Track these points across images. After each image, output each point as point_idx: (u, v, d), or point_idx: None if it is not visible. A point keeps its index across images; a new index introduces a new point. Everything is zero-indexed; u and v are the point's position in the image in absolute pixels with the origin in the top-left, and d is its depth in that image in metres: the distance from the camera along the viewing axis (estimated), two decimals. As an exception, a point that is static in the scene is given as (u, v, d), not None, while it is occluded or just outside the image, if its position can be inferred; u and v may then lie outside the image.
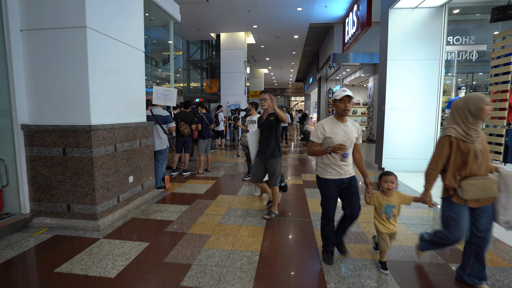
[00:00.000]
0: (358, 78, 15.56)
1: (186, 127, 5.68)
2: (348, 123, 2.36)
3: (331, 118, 2.37)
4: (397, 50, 5.98)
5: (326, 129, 2.31)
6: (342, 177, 2.37)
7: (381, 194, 2.33)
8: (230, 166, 6.92)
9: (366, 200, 2.41)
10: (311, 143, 2.40)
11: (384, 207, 2.29)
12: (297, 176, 5.87)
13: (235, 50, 13.19)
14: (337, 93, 2.27)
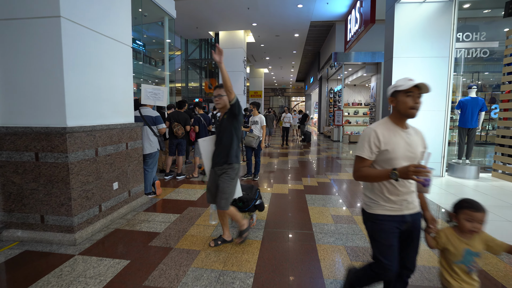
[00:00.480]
0: (360, 78, 15.23)
1: (180, 128, 5.37)
2: (411, 130, 1.59)
3: (386, 122, 1.59)
4: (404, 47, 5.65)
5: (381, 138, 1.51)
6: (404, 212, 1.55)
7: (456, 233, 1.50)
8: (227, 169, 6.59)
9: (428, 242, 1.58)
10: (360, 162, 1.55)
11: (463, 255, 1.46)
12: (297, 180, 5.54)
13: (234, 49, 12.86)
14: (400, 83, 1.53)
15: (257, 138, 5.48)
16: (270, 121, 11.03)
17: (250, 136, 5.52)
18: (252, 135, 5.52)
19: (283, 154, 9.09)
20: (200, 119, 5.67)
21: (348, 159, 8.08)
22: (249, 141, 5.45)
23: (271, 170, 6.50)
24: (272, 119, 11.36)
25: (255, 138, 5.46)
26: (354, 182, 5.34)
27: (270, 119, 11.12)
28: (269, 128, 11.11)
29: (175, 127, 5.30)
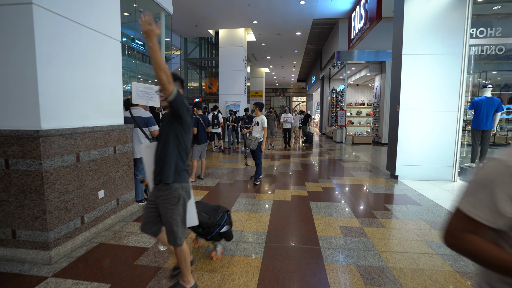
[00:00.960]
0: (363, 78, 14.89)
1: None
2: None
3: None
4: (413, 44, 5.31)
5: None
6: None
7: None
8: (226, 172, 6.27)
9: None
10: (467, 224, 0.76)
11: None
12: (301, 185, 5.21)
13: (234, 47, 12.55)
14: None
15: (255, 140, 5.27)
16: (271, 122, 10.62)
17: (249, 139, 5.38)
18: (251, 137, 5.35)
19: (284, 156, 8.75)
20: (199, 120, 5.35)
21: (352, 161, 7.74)
22: (248, 144, 5.37)
23: (272, 174, 6.17)
24: (273, 119, 10.90)
25: (253, 140, 5.26)
26: (362, 188, 5.01)
27: (271, 119, 10.67)
28: (271, 128, 10.64)
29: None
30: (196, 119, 5.32)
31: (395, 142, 5.63)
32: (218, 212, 2.58)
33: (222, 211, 2.60)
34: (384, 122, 12.11)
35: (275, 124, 11.07)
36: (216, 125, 9.30)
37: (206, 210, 2.56)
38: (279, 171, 6.44)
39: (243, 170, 6.55)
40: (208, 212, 2.55)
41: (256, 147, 5.31)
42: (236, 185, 5.18)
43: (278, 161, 7.77)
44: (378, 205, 4.05)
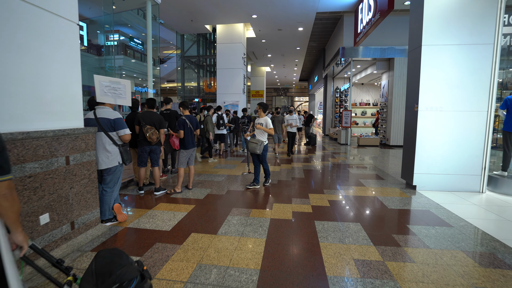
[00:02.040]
0: (369, 76, 14.12)
1: (154, 132, 4.33)
2: None
3: None
4: (436, 33, 4.56)
5: None
6: None
7: None
8: (220, 180, 5.54)
9: None
10: None
11: None
12: (303, 197, 4.47)
13: (232, 44, 11.83)
14: None
15: (260, 143, 4.88)
16: (278, 125, 8.87)
17: (253, 142, 4.92)
18: (255, 140, 4.93)
19: (285, 160, 8.01)
20: (185, 121, 4.63)
21: (360, 167, 6.99)
22: (253, 148, 4.90)
23: (271, 183, 5.43)
24: (281, 121, 9.00)
25: (258, 143, 4.88)
26: (376, 202, 4.26)
27: (278, 122, 8.92)
28: (277, 133, 8.83)
29: (148, 131, 4.27)
30: (181, 121, 4.60)
31: (412, 147, 4.88)
32: (120, 276, 1.47)
33: (128, 277, 1.48)
34: (392, 123, 11.33)
35: (283, 128, 9.12)
36: (222, 125, 8.61)
37: (100, 272, 1.49)
38: (279, 179, 5.70)
39: (241, 177, 5.83)
40: (101, 275, 1.48)
41: (262, 151, 4.91)
42: (228, 197, 4.45)
43: (278, 166, 7.03)
44: (399, 226, 3.31)
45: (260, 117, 5.14)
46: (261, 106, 5.12)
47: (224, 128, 8.72)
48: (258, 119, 5.19)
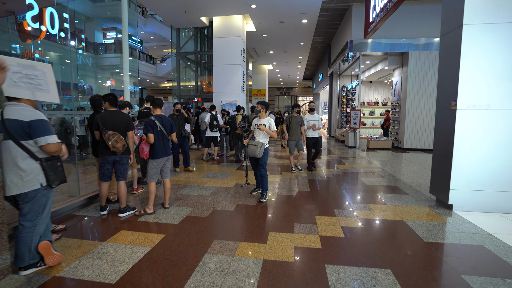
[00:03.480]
0: (379, 73, 13.03)
1: (119, 139, 3.35)
2: None
3: None
4: (481, 9, 3.51)
5: None
6: None
7: None
8: (205, 195, 4.55)
9: None
10: None
11: None
12: (309, 222, 3.45)
13: (230, 37, 10.83)
14: None
15: (261, 145, 4.21)
16: (296, 127, 6.16)
17: (253, 144, 4.26)
18: (255, 142, 4.27)
19: (287, 168, 6.99)
20: (154, 123, 3.63)
21: (375, 176, 5.94)
22: (252, 150, 4.22)
23: (268, 199, 4.42)
24: (299, 123, 6.18)
25: (258, 146, 4.22)
26: (404, 230, 3.22)
27: (296, 123, 6.16)
28: (295, 139, 6.20)
29: (110, 138, 3.28)
30: (149, 122, 3.60)
31: (447, 156, 3.83)
32: None
33: None
34: (406, 123, 10.24)
35: (302, 132, 6.25)
36: (215, 127, 7.63)
37: None
38: (278, 193, 4.68)
39: (233, 190, 4.82)
40: None
41: (262, 155, 4.25)
42: (212, 221, 3.45)
43: (277, 176, 6.01)
44: (450, 278, 2.27)
45: (261, 118, 4.41)
46: (264, 105, 4.42)
47: (218, 130, 7.73)
48: (259, 119, 4.40)
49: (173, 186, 5.07)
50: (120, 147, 3.39)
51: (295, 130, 6.13)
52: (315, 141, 6.36)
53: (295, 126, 6.14)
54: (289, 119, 6.17)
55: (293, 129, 6.13)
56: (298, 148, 6.27)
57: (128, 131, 3.57)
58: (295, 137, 6.16)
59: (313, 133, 6.28)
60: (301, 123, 6.15)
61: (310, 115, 6.37)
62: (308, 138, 6.31)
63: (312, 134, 6.29)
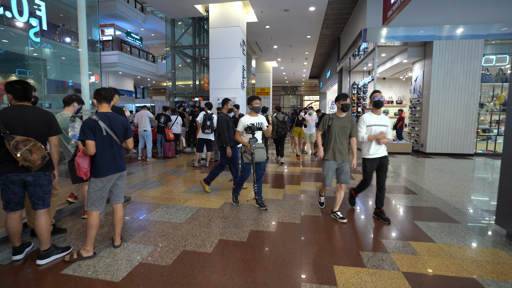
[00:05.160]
0: (395, 67, 11.67)
1: (36, 149, 2.19)
2: None
3: None
4: None
5: None
6: None
7: None
8: (180, 223, 3.35)
9: None
10: None
11: None
12: (323, 281, 2.21)
13: (229, 28, 9.63)
14: None
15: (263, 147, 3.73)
16: (342, 136, 3.42)
17: (260, 147, 3.70)
18: (261, 144, 3.75)
19: (292, 178, 5.75)
20: (97, 124, 2.43)
21: (405, 191, 4.66)
22: (263, 154, 3.68)
23: (265, 228, 3.20)
24: (348, 131, 3.46)
25: (263, 147, 3.75)
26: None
27: (341, 130, 3.42)
28: (338, 158, 3.44)
29: (19, 146, 2.13)
30: (89, 124, 2.41)
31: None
32: None
33: None
34: (429, 124, 8.89)
35: (353, 147, 3.51)
36: (209, 128, 6.45)
37: None
38: (281, 219, 3.45)
39: (220, 214, 3.62)
40: None
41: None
42: (174, 275, 2.24)
43: (280, 190, 4.78)
44: None
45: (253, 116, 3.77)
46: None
47: (212, 131, 6.55)
48: (251, 118, 3.73)
49: (143, 206, 3.89)
50: (37, 160, 2.21)
51: (339, 141, 3.38)
52: (381, 165, 3.46)
53: (340, 134, 3.37)
54: (328, 122, 3.43)
55: (335, 140, 3.38)
56: (341, 178, 3.47)
57: (51, 135, 2.39)
58: (337, 156, 3.39)
59: (379, 148, 3.39)
60: (352, 130, 3.39)
61: (373, 116, 3.41)
62: (369, 158, 3.44)
63: (377, 150, 3.39)
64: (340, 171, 3.46)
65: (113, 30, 20.52)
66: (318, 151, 3.48)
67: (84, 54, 4.12)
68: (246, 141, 3.69)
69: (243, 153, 3.70)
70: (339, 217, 3.43)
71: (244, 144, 3.69)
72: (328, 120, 3.42)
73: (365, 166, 3.50)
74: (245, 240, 2.87)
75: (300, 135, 8.26)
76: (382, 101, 3.36)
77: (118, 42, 18.29)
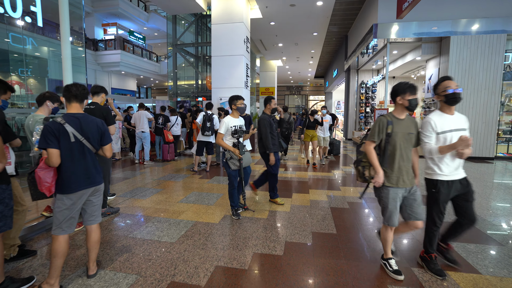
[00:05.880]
0: (407, 65, 11.09)
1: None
2: None
3: None
4: None
5: None
6: None
7: None
8: (172, 241, 2.87)
9: None
10: None
11: None
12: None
13: (232, 24, 9.16)
14: None
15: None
16: (404, 147, 2.24)
17: (248, 151, 3.59)
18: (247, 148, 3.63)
19: (300, 185, 5.25)
20: (62, 129, 1.95)
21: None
22: (249, 158, 3.56)
23: (270, 250, 2.70)
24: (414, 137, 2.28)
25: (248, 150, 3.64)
26: None
27: (406, 140, 2.24)
28: (405, 183, 2.22)
29: None
30: (53, 128, 1.94)
31: None
32: None
33: None
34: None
35: (415, 164, 2.32)
36: (209, 130, 5.99)
37: None
38: (288, 238, 2.95)
39: (219, 229, 3.13)
40: None
41: None
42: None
43: (287, 201, 4.28)
44: None
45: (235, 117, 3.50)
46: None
47: (212, 133, 6.08)
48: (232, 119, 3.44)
49: (131, 219, 3.42)
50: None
51: (405, 156, 2.23)
52: (463, 191, 2.30)
53: (405, 146, 2.23)
54: (386, 128, 2.22)
55: (400, 155, 2.22)
56: (414, 211, 2.25)
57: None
58: (405, 178, 2.22)
59: (458, 166, 2.26)
60: (416, 139, 2.29)
61: (445, 117, 2.24)
62: (443, 181, 2.24)
63: (456, 168, 2.25)
64: (411, 201, 2.23)
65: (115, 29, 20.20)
66: (376, 175, 2.20)
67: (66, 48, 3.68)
68: (230, 145, 3.39)
69: (228, 160, 3.34)
70: (392, 270, 2.26)
71: (228, 149, 3.35)
72: (386, 124, 2.20)
73: (434, 194, 2.24)
74: (247, 267, 2.38)
75: (313, 139, 7.16)
76: (459, 93, 2.15)
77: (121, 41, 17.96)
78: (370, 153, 2.24)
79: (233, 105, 3.47)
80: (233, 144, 3.41)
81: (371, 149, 2.24)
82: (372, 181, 2.26)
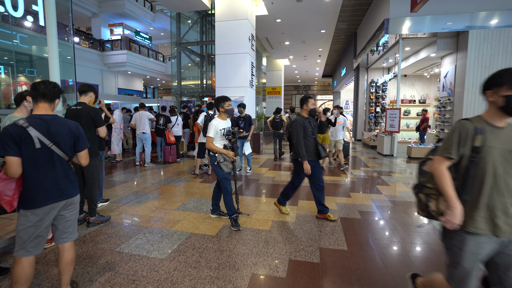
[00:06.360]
0: (420, 63, 10.55)
1: None
2: None
3: None
4: None
5: None
6: None
7: None
8: (162, 257, 2.57)
9: None
10: None
11: None
12: None
13: (236, 21, 8.85)
14: None
15: None
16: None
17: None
18: None
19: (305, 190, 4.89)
20: (24, 133, 1.66)
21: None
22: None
23: (272, 271, 2.37)
24: None
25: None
26: None
27: None
28: None
29: None
30: (13, 132, 1.65)
31: None
32: None
33: None
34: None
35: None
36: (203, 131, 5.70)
37: None
38: (290, 256, 2.61)
39: (216, 244, 2.81)
40: None
41: None
42: None
43: (295, 209, 3.93)
44: None
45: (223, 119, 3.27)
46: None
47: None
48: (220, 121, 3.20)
49: (121, 230, 3.13)
50: None
51: (503, 185, 1.38)
52: None
53: (506, 170, 1.38)
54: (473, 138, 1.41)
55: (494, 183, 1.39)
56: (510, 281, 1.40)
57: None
58: (500, 221, 1.37)
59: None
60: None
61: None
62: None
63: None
64: (509, 260, 1.41)
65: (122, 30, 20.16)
66: (449, 210, 1.41)
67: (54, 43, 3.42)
68: (221, 148, 3.19)
69: (221, 163, 3.12)
70: None
71: (221, 152, 3.14)
72: (473, 133, 1.41)
73: None
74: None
75: (324, 142, 6.52)
76: None
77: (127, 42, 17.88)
78: (441, 175, 1.44)
79: (220, 107, 3.23)
80: (224, 146, 3.21)
81: (443, 170, 1.44)
82: (441, 219, 1.46)
